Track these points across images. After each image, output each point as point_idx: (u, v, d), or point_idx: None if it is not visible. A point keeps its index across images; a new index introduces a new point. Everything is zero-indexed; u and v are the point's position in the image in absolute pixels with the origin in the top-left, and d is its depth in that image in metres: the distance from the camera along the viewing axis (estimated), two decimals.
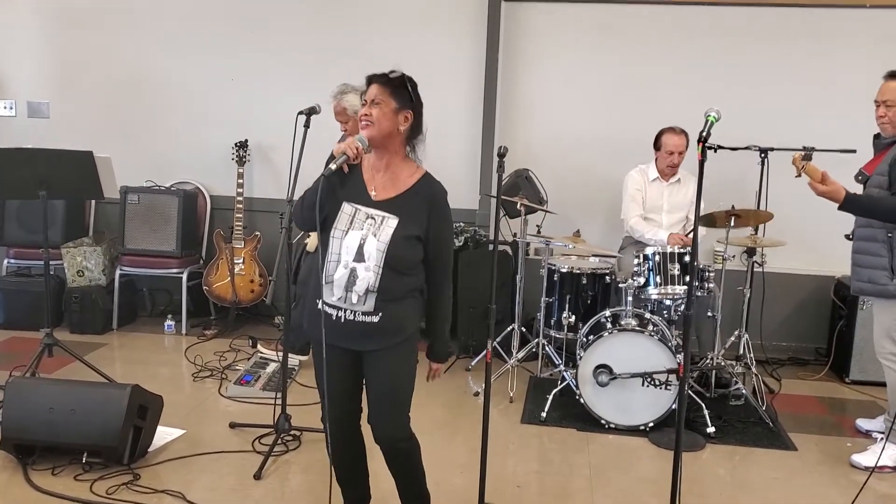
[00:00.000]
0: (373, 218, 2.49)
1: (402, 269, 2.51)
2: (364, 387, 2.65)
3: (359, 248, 2.47)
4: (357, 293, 2.48)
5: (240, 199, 5.55)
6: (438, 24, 5.56)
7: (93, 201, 5.91)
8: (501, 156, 2.58)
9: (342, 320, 2.51)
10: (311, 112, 3.57)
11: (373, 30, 5.59)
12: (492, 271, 2.69)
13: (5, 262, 5.65)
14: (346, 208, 2.52)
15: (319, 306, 2.53)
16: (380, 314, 2.50)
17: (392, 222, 2.49)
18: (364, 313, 2.49)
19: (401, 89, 2.53)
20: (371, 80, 2.56)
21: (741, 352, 4.54)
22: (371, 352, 2.55)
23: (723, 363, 4.38)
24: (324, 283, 2.52)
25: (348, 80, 4.46)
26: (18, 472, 3.29)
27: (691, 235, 4.50)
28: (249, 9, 5.73)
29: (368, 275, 2.46)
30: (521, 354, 4.64)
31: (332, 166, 2.38)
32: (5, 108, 6.04)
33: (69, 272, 5.48)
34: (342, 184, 2.53)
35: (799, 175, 3.33)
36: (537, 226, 4.97)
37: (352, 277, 2.47)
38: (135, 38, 5.85)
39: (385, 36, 5.56)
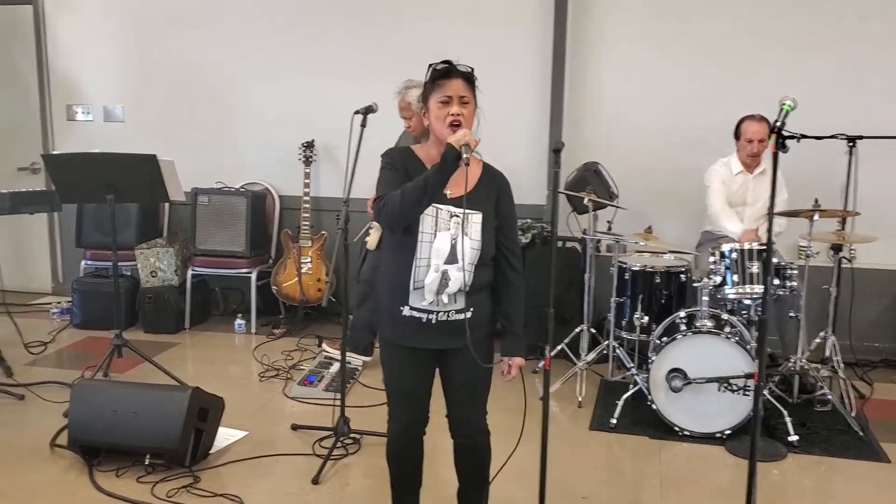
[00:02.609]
0: (457, 216, 2.41)
1: (486, 261, 2.47)
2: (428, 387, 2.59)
3: (451, 249, 2.40)
4: (448, 294, 2.41)
5: (306, 198, 5.56)
6: (502, 11, 5.40)
7: (166, 203, 6.02)
8: (557, 151, 2.43)
9: (433, 322, 2.45)
10: (367, 111, 3.55)
11: (436, 21, 5.47)
12: (550, 271, 2.54)
13: (83, 263, 5.81)
14: (428, 209, 2.42)
15: (406, 312, 2.45)
16: (471, 309, 2.46)
17: (477, 218, 2.43)
18: (458, 311, 2.44)
19: (474, 87, 2.46)
20: (452, 72, 2.42)
21: (827, 354, 4.27)
22: (456, 347, 2.48)
23: (807, 366, 4.12)
24: (412, 288, 2.43)
25: (412, 75, 4.39)
26: (84, 473, 3.34)
27: (764, 233, 4.26)
28: (314, 10, 5.71)
29: (460, 275, 2.40)
30: (590, 356, 4.47)
31: (465, 157, 2.30)
32: (83, 112, 6.22)
33: (143, 273, 5.59)
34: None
35: None
36: (608, 222, 4.79)
37: (443, 280, 2.40)
38: (203, 42, 5.93)
39: (448, 26, 5.44)
